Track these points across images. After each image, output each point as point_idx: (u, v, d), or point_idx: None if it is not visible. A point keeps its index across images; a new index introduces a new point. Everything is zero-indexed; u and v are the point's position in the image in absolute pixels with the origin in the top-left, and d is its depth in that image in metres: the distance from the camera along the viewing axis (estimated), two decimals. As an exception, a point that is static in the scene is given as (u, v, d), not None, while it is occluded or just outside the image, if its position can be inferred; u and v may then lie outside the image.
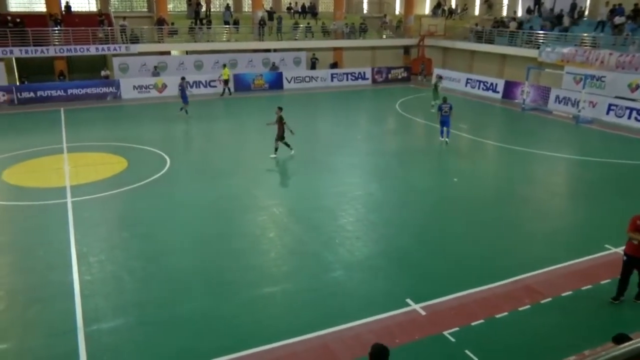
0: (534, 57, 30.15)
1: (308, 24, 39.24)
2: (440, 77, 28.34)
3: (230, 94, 32.66)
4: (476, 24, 38.57)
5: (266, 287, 9.91)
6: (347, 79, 37.64)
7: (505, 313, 8.96)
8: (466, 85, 34.21)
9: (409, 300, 9.29)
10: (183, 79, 27.06)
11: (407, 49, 42.17)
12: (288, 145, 18.52)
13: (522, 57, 31.97)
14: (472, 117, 25.90)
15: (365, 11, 47.81)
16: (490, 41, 35.26)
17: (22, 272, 10.45)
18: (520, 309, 9.10)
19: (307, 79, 36.51)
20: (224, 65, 33.22)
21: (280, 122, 18.15)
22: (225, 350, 7.97)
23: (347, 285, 9.95)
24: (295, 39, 37.97)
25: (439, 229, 12.60)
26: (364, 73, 38.18)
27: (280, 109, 18.36)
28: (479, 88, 33.35)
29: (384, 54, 41.62)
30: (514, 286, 9.86)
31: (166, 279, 10.13)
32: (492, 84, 32.59)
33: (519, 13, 37.56)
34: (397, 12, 47.44)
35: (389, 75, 38.71)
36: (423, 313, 8.96)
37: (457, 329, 8.49)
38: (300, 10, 40.94)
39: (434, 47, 40.68)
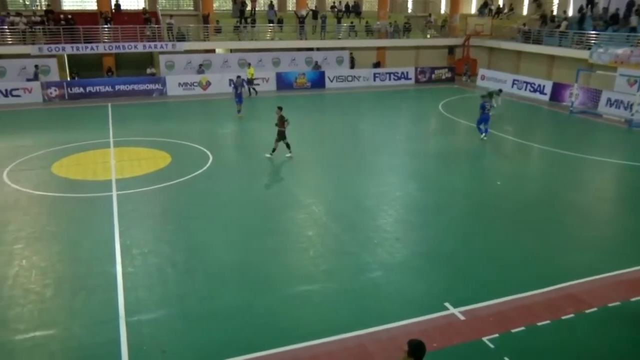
0: (585, 58, 29.19)
1: (351, 23, 39.15)
2: (500, 91, 26.83)
3: (256, 94, 32.27)
4: (524, 24, 37.64)
5: (303, 285, 9.93)
6: (390, 79, 37.38)
7: (547, 321, 8.70)
8: (512, 87, 33.44)
9: (447, 304, 9.14)
10: (239, 77, 26.70)
11: (451, 49, 41.56)
12: (288, 147, 18.29)
13: (572, 58, 31.03)
14: (518, 120, 25.31)
15: (409, 10, 47.34)
16: (538, 41, 34.34)
17: (68, 261, 10.80)
18: (564, 317, 8.81)
19: (350, 78, 36.45)
20: (249, 65, 33.24)
21: (281, 121, 18.01)
22: (262, 345, 8.02)
23: (385, 287, 9.87)
24: (339, 38, 37.94)
25: (480, 233, 12.35)
26: (407, 73, 37.84)
27: (280, 108, 18.31)
28: (525, 89, 32.55)
29: (428, 53, 41.15)
30: (556, 294, 9.56)
31: (206, 273, 10.28)
32: (539, 85, 31.76)
33: (570, 12, 36.45)
34: (442, 12, 46.82)
35: (433, 76, 38.24)
36: (462, 318, 8.79)
37: (496, 335, 8.30)
38: (344, 9, 40.86)
39: (480, 47, 39.96)
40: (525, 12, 42.36)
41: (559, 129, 24.53)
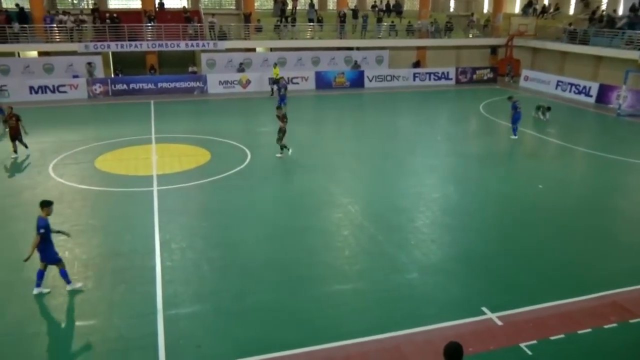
0: (634, 59, 28.16)
1: (392, 22, 38.87)
2: (549, 108, 24.87)
3: (278, 94, 31.18)
4: (570, 24, 36.59)
5: (338, 284, 9.91)
6: (430, 79, 36.95)
7: (588, 330, 8.43)
8: (556, 88, 32.57)
9: (484, 309, 8.96)
10: (281, 78, 26.12)
11: (494, 49, 40.76)
12: (284, 145, 18.37)
13: (620, 59, 29.98)
14: (562, 122, 24.61)
15: (451, 9, 46.73)
16: (584, 42, 33.32)
17: (109, 254, 11.07)
18: (606, 327, 8.53)
19: (389, 77, 36.21)
20: (275, 65, 32.92)
21: (282, 120, 18.02)
22: (296, 343, 8.05)
23: (421, 288, 9.76)
24: (379, 37, 37.74)
25: (520, 237, 12.05)
26: (448, 73, 37.32)
27: (279, 108, 18.35)
28: (570, 91, 31.64)
29: (470, 53, 40.49)
30: (599, 302, 9.26)
31: (242, 270, 10.37)
32: (584, 87, 30.81)
33: (620, 11, 35.24)
34: (485, 11, 46.00)
35: (474, 76, 37.61)
36: (499, 323, 8.61)
37: (534, 342, 8.10)
38: (384, 8, 40.61)
39: (523, 48, 39.05)
40: (571, 11, 41.20)
41: (605, 132, 23.75)
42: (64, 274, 9.46)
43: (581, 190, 15.61)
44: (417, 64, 38.58)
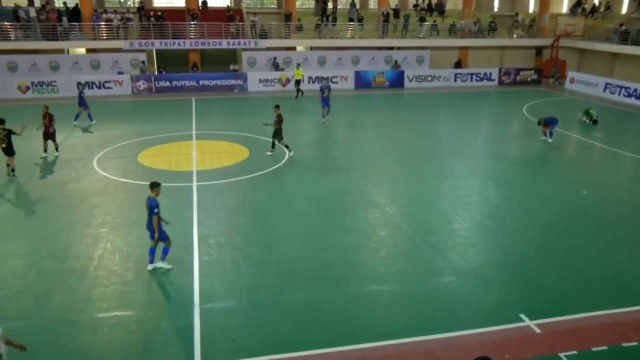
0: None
1: (434, 21, 38.41)
2: (596, 122, 23.67)
3: (302, 94, 31.09)
4: (621, 24, 35.35)
5: (374, 284, 9.84)
6: (472, 80, 36.35)
7: (634, 343, 8.10)
8: (604, 91, 31.52)
9: (522, 316, 8.74)
10: (325, 79, 25.67)
11: (539, 50, 39.79)
12: (273, 145, 18.26)
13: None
14: (610, 126, 23.79)
15: (495, 9, 45.85)
16: (637, 42, 32.11)
17: (147, 247, 11.28)
18: (655, 341, 8.19)
19: (429, 78, 35.80)
20: (298, 65, 32.51)
21: (279, 120, 17.88)
22: (329, 342, 8.03)
23: (458, 292, 9.59)
24: (420, 37, 37.34)
25: (561, 243, 11.70)
26: (490, 74, 36.64)
27: (277, 107, 18.15)
28: (619, 94, 30.55)
29: (514, 54, 39.61)
30: (647, 314, 8.90)
31: (278, 267, 10.43)
32: (635, 90, 29.69)
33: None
34: (530, 11, 44.94)
35: (518, 77, 36.79)
36: (537, 331, 8.38)
37: (575, 352, 7.85)
38: (426, 7, 40.16)
39: (570, 49, 37.95)
40: (624, 10, 39.80)
41: (655, 137, 22.86)
42: (165, 251, 10.13)
43: (628, 197, 15.05)
44: (458, 65, 38.02)
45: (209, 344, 8.00)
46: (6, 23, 32.26)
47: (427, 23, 37.80)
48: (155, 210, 9.76)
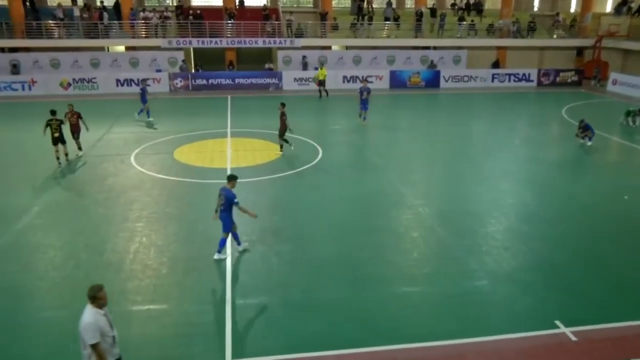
0: None
1: (472, 21, 37.86)
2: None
3: (327, 95, 30.74)
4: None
5: (405, 286, 9.76)
6: (510, 80, 35.74)
7: (679, 356, 7.81)
8: (649, 93, 30.52)
9: (558, 322, 8.52)
10: (365, 81, 24.86)
11: (580, 51, 38.83)
12: (287, 142, 18.40)
13: None
14: (653, 129, 23.04)
15: (535, 9, 44.89)
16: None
17: (183, 242, 11.48)
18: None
19: (466, 78, 35.37)
20: (322, 65, 31.98)
21: (282, 118, 17.99)
22: (358, 342, 8.00)
23: (491, 297, 9.42)
24: (458, 37, 36.87)
25: (599, 249, 11.35)
26: (529, 75, 35.94)
27: (283, 105, 18.26)
28: (664, 97, 29.55)
29: (553, 54, 38.76)
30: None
31: (310, 265, 10.44)
32: (681, 92, 28.67)
33: None
34: (572, 10, 43.83)
35: (557, 78, 36.00)
36: (574, 339, 8.15)
37: (614, 362, 7.62)
38: (464, 7, 39.61)
39: (613, 49, 36.88)
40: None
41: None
42: (222, 243, 10.59)
43: (672, 203, 14.53)
44: (496, 65, 37.40)
45: (240, 339, 8.07)
46: (50, 22, 33.25)
47: (464, 23, 37.29)
48: (235, 200, 10.19)
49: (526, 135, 22.90)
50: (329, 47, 36.75)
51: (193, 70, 35.56)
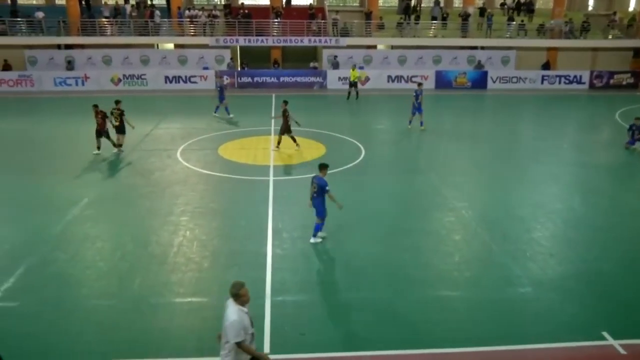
0: None
1: (522, 21, 36.95)
2: None
3: (356, 97, 29.57)
4: None
5: (446, 289, 9.62)
6: (560, 82, 34.73)
7: None
8: None
9: (605, 334, 8.22)
10: (420, 84, 23.08)
11: (637, 52, 37.26)
12: (294, 140, 18.44)
13: None
14: None
15: (590, 8, 43.39)
16: None
17: (225, 237, 11.66)
18: None
19: (514, 79, 34.58)
20: (354, 66, 30.59)
21: (285, 115, 18.08)
22: (396, 344, 7.94)
23: (534, 304, 9.18)
24: (507, 37, 36.05)
25: (653, 259, 10.92)
26: (580, 76, 34.83)
27: (285, 102, 18.39)
28: None
29: (608, 56, 37.38)
30: None
31: (350, 265, 10.43)
32: None
33: None
34: (630, 9, 42.15)
35: (611, 81, 34.74)
36: (622, 352, 7.84)
37: (666, 378, 7.30)
38: (514, 6, 38.68)
39: (673, 51, 35.30)
40: None
41: None
42: (318, 228, 11.26)
43: None
44: (546, 66, 36.38)
45: (278, 336, 8.13)
46: (104, 19, 34.34)
47: (513, 22, 36.44)
48: (327, 188, 10.78)
49: (576, 139, 22.20)
50: (374, 47, 36.56)
51: (238, 68, 36.04)
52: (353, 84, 29.50)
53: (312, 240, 11.26)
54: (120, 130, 18.28)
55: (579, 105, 29.92)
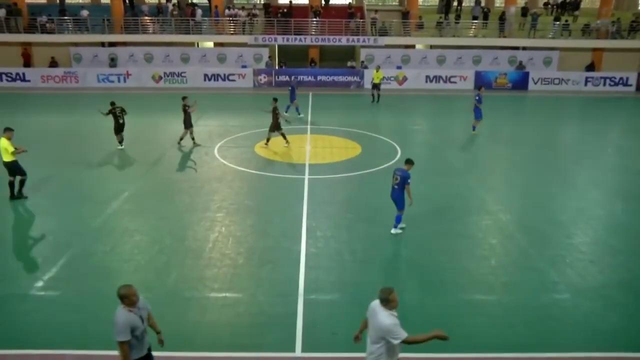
0: None
1: (566, 21, 36.00)
2: None
3: (377, 101, 28.28)
4: None
5: (480, 294, 9.47)
6: (605, 84, 33.71)
7: None
8: None
9: (648, 345, 7.95)
10: (481, 88, 22.56)
11: (687, 54, 35.85)
12: (284, 137, 18.72)
13: None
14: None
15: None
16: None
17: (260, 234, 11.76)
18: None
19: (557, 81, 33.73)
20: (378, 68, 29.11)
21: (274, 113, 18.20)
22: (429, 347, 7.78)
23: (572, 312, 8.94)
24: (550, 37, 35.18)
25: (701, 270, 10.48)
26: (627, 79, 33.73)
27: (275, 100, 18.48)
28: None
29: (657, 57, 36.06)
30: None
31: (383, 266, 10.39)
32: None
33: None
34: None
35: (660, 83, 33.47)
36: (666, 364, 7.59)
37: None
38: (559, 5, 37.71)
39: None
40: None
41: None
42: (399, 219, 11.72)
43: None
44: (590, 67, 35.35)
45: (310, 333, 8.16)
46: (146, 18, 35.10)
47: (557, 22, 35.54)
48: (409, 180, 11.23)
49: (621, 143, 21.50)
50: (413, 46, 36.24)
51: (276, 67, 36.29)
52: (376, 86, 28.28)
53: (393, 230, 11.73)
54: (186, 124, 18.75)
55: (625, 108, 28.97)
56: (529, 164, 17.62)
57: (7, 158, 13.23)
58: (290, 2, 36.15)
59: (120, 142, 18.55)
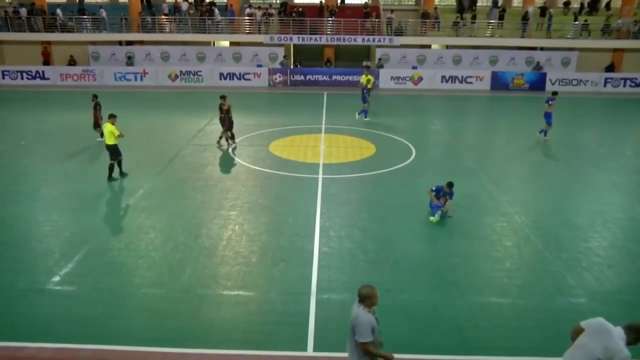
0: None
1: (585, 20, 35.56)
2: None
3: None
4: None
5: (494, 296, 9.38)
6: (625, 85, 33.23)
7: None
8: None
9: (667, 352, 7.81)
10: (555, 93, 20.83)
11: None
12: (232, 138, 18.90)
13: None
14: None
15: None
16: None
17: (273, 233, 11.78)
18: None
19: (575, 82, 33.32)
20: (367, 71, 26.84)
21: (224, 111, 18.25)
22: (442, 349, 7.81)
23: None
24: (568, 37, 34.77)
25: None
26: (648, 80, 33.18)
27: (224, 97, 18.53)
28: None
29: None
30: None
31: (396, 266, 10.33)
32: None
33: None
34: None
35: (682, 85, 32.93)
36: (684, 371, 7.44)
37: None
38: (578, 5, 37.25)
39: None
40: None
41: None
42: (437, 207, 12.58)
43: None
44: (610, 68, 34.87)
45: (322, 333, 8.15)
46: (163, 17, 35.37)
47: (576, 22, 35.11)
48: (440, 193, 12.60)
49: (640, 145, 21.21)
50: (428, 46, 36.06)
51: (291, 66, 36.34)
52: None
53: (431, 218, 12.53)
54: (225, 123, 18.78)
55: (645, 110, 28.57)
56: (546, 165, 17.44)
57: (111, 141, 14.70)
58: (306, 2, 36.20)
59: (102, 135, 18.65)
